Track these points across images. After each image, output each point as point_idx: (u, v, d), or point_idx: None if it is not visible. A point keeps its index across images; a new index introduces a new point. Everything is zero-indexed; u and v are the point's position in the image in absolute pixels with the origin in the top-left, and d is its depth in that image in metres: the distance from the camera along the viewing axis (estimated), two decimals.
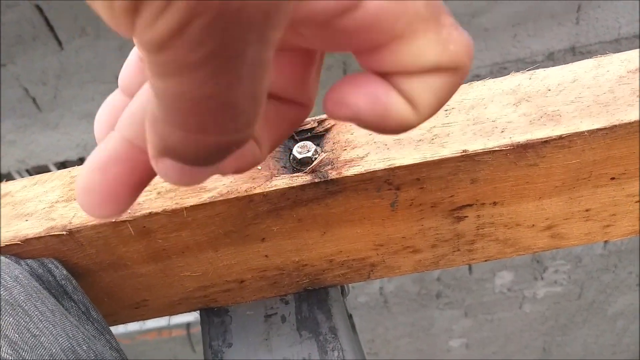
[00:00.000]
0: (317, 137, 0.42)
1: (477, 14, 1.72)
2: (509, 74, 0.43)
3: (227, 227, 0.41)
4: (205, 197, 0.39)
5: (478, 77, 1.83)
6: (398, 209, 0.41)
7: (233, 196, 0.39)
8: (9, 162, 1.91)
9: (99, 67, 1.69)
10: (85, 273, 0.43)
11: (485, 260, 0.48)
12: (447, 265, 0.48)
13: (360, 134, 0.40)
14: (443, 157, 0.37)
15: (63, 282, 0.41)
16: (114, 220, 0.39)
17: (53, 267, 0.41)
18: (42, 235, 0.40)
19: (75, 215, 0.40)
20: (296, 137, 0.42)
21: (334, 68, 1.76)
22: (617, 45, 1.85)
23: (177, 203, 0.39)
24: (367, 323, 2.64)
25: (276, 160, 0.41)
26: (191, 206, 0.39)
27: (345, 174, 0.38)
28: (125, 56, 0.25)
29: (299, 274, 0.47)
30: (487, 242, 0.46)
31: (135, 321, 0.51)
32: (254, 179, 0.39)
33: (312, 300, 0.49)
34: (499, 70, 1.86)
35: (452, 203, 0.41)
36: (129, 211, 0.39)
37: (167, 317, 0.52)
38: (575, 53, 1.87)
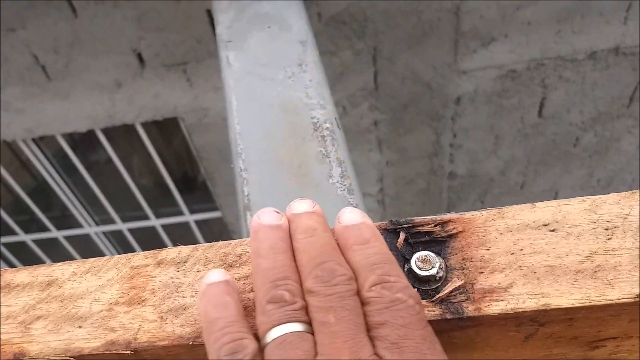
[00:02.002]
0: (436, 242, 0.34)
1: (522, 6, 1.60)
2: (545, 70, 0.34)
3: None
4: None
5: (514, 72, 1.73)
6: (532, 340, 0.34)
7: None
8: (16, 131, 1.82)
9: (115, 38, 1.57)
10: None
11: None
12: None
13: (499, 251, 0.32)
14: (611, 301, 0.30)
15: None
16: (190, 344, 0.32)
17: None
18: (101, 352, 0.32)
19: (141, 327, 0.33)
20: (410, 240, 0.34)
21: (364, 53, 1.65)
22: None
23: None
24: None
25: None
26: None
27: (487, 312, 0.30)
28: (143, 27, 0.18)
29: None
30: None
31: None
32: None
33: None
34: (536, 66, 1.76)
35: (595, 336, 0.34)
36: None
37: None
38: (619, 54, 1.76)
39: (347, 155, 0.59)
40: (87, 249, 2.67)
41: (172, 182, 2.23)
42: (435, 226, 0.34)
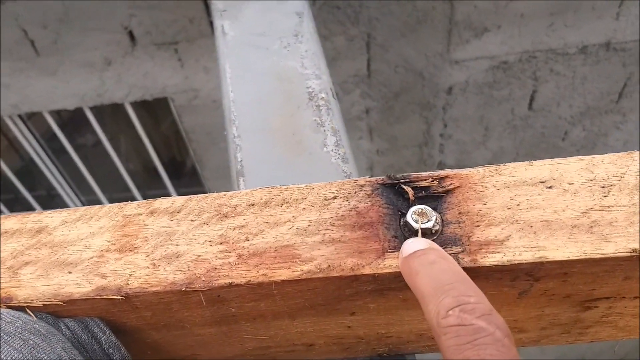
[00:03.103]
0: (434, 197, 0.34)
1: None
2: (537, 63, 0.35)
3: (316, 301, 0.34)
4: (300, 270, 0.31)
5: (505, 64, 1.74)
6: (525, 297, 0.34)
7: (335, 274, 0.31)
8: (2, 106, 1.79)
9: (106, 15, 1.55)
10: (132, 331, 0.36)
11: (590, 342, 0.42)
12: (546, 344, 0.42)
13: (496, 206, 0.32)
14: (607, 255, 0.30)
15: (110, 350, 0.33)
16: (183, 290, 0.31)
17: (99, 333, 0.33)
18: (91, 297, 0.32)
19: (133, 274, 0.32)
20: (408, 195, 0.34)
21: (357, 39, 1.65)
22: None
23: (264, 275, 0.31)
24: None
25: (385, 227, 0.33)
26: (282, 281, 0.31)
27: (483, 263, 0.30)
28: (135, 4, 0.18)
29: (379, 342, 0.40)
30: (604, 327, 0.39)
31: None
32: (361, 252, 0.32)
33: None
34: (528, 59, 1.76)
35: (588, 295, 0.34)
36: (202, 278, 0.31)
37: None
38: (610, 49, 1.78)
39: (342, 125, 0.59)
40: None
41: (160, 165, 2.21)
42: (432, 181, 0.34)
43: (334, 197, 0.34)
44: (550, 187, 0.33)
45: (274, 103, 0.60)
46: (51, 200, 2.43)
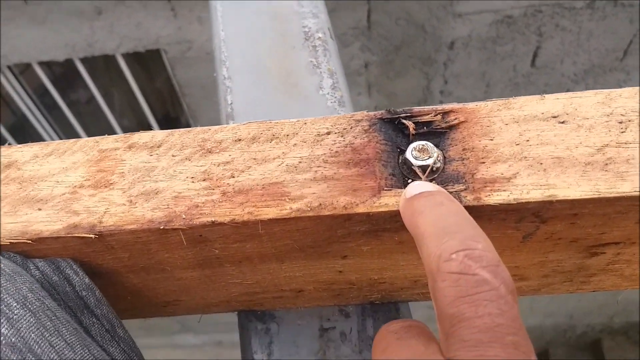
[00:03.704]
0: (436, 134, 0.31)
1: None
2: (542, 18, 0.32)
3: (306, 242, 0.31)
4: (289, 209, 0.29)
5: (510, 18, 1.68)
6: (529, 241, 0.32)
7: (327, 213, 0.29)
8: None
9: None
10: (108, 274, 0.34)
11: (592, 291, 0.40)
12: (546, 293, 0.40)
13: (503, 141, 0.30)
14: (622, 194, 0.27)
15: (84, 293, 0.31)
16: (161, 228, 0.29)
17: (72, 274, 0.31)
18: (62, 235, 0.29)
19: (107, 211, 0.30)
20: (408, 131, 0.31)
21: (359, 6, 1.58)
22: None
23: (250, 213, 0.29)
24: None
25: (383, 165, 0.30)
26: (270, 219, 0.29)
27: (487, 202, 0.28)
28: None
29: (371, 289, 0.38)
30: (608, 276, 0.37)
31: (159, 317, 0.42)
32: (355, 190, 0.29)
33: (379, 316, 0.41)
34: (533, 13, 1.71)
35: (597, 240, 0.32)
36: (183, 216, 0.29)
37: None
38: (617, 4, 1.72)
39: (339, 67, 0.55)
40: None
41: (154, 121, 2.16)
42: (435, 116, 0.31)
43: (328, 133, 0.31)
44: (563, 122, 0.30)
45: (268, 43, 0.57)
46: None
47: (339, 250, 0.32)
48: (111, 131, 2.21)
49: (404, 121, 0.31)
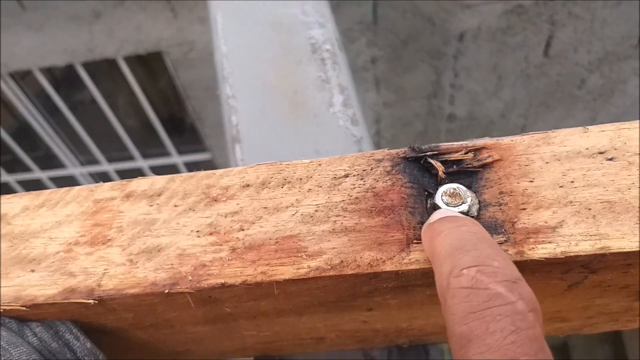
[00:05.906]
0: (466, 174, 0.28)
1: None
2: (554, 6, 0.28)
3: (327, 299, 0.28)
4: (306, 267, 0.26)
5: (521, 8, 1.63)
6: (575, 289, 0.28)
7: (350, 272, 0.25)
8: None
9: None
10: (113, 331, 0.31)
11: (637, 327, 0.37)
12: (589, 332, 0.37)
13: (545, 183, 0.26)
14: None
15: (86, 358, 0.28)
16: (167, 292, 0.26)
17: (72, 339, 0.28)
18: (58, 301, 0.26)
19: (106, 272, 0.27)
20: (437, 171, 0.28)
21: None
22: None
23: (263, 273, 0.26)
24: None
25: (410, 212, 0.27)
26: (285, 280, 0.26)
27: (532, 256, 0.25)
28: None
29: (398, 335, 0.35)
30: None
31: None
32: (380, 244, 0.26)
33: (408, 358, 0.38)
34: (545, 1, 1.65)
35: None
36: (189, 277, 0.26)
37: None
38: None
39: (350, 81, 0.52)
40: None
41: (159, 122, 2.14)
42: (466, 153, 0.28)
43: (346, 175, 0.28)
44: (611, 159, 0.27)
45: (272, 57, 0.54)
46: (49, 161, 2.39)
47: (364, 304, 0.29)
48: (114, 133, 2.19)
49: (430, 161, 0.28)
